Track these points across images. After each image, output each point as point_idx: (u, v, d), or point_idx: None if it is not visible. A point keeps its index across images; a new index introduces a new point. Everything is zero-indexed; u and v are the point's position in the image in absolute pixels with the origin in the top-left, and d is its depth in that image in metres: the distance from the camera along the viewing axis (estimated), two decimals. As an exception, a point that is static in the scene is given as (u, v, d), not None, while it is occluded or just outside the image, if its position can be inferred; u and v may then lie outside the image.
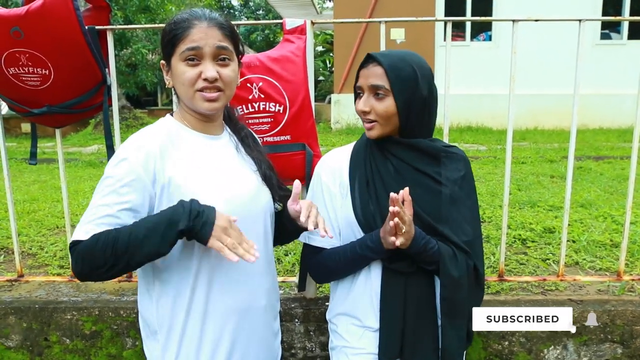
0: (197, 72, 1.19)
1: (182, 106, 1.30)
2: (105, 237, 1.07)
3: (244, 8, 24.99)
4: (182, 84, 1.20)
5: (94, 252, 1.07)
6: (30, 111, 1.90)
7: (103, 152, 7.01)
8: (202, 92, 1.20)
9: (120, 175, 1.14)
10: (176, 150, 1.21)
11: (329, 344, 1.54)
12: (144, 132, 1.23)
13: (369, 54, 1.33)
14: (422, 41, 9.22)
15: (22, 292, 2.25)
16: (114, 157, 1.18)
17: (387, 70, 1.27)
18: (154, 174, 1.16)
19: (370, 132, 1.34)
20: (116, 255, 1.07)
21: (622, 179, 4.77)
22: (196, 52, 1.18)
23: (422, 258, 1.29)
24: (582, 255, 2.69)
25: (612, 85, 9.23)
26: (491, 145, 7.34)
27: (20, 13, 1.66)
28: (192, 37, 1.18)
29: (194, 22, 1.20)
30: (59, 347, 2.12)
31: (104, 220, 1.11)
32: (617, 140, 7.82)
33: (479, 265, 1.36)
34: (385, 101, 1.29)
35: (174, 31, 1.20)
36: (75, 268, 1.11)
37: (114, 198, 1.13)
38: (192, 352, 1.23)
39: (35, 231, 3.29)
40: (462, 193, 1.36)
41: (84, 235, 1.09)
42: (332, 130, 9.62)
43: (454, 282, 1.29)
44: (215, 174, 1.24)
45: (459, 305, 1.33)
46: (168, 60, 1.24)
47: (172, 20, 1.24)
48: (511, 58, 2.00)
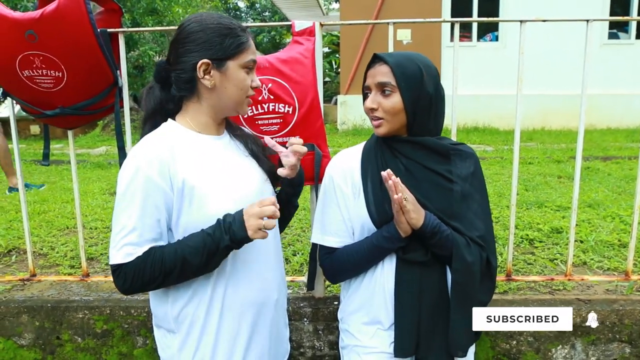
0: (250, 80, 1.30)
1: (198, 109, 1.29)
2: (152, 260, 1.17)
3: (251, 10, 25.06)
4: (241, 89, 1.28)
5: (143, 275, 1.17)
6: (43, 113, 1.93)
7: (111, 154, 7.06)
8: (248, 98, 1.32)
9: (140, 189, 1.16)
10: (185, 153, 1.23)
11: (340, 342, 1.55)
12: (150, 140, 1.23)
13: (375, 54, 1.37)
14: (428, 42, 9.21)
15: (34, 292, 2.28)
16: (128, 169, 1.18)
17: (393, 68, 1.31)
18: (170, 179, 1.19)
19: (378, 129, 1.36)
20: (165, 276, 1.18)
21: (630, 179, 4.75)
22: (254, 64, 1.30)
23: (436, 242, 1.30)
24: (589, 255, 2.68)
25: (620, 85, 9.18)
26: (498, 146, 7.32)
27: (35, 17, 1.69)
28: (252, 49, 1.28)
29: (248, 34, 1.29)
30: (71, 345, 2.15)
31: (139, 239, 1.17)
32: (625, 140, 7.77)
33: (491, 259, 1.37)
34: (392, 98, 1.32)
35: (241, 38, 1.26)
36: (122, 286, 1.19)
37: (140, 213, 1.17)
38: (210, 347, 1.26)
39: (45, 232, 3.32)
40: (473, 189, 1.38)
41: (125, 257, 1.17)
42: (338, 131, 9.63)
43: (467, 267, 1.31)
44: (223, 174, 1.27)
45: (470, 292, 1.34)
46: (221, 61, 1.24)
47: (228, 24, 1.26)
48: (519, 59, 2.01)
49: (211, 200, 1.21)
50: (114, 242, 1.18)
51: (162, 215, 1.19)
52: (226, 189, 1.25)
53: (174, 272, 1.18)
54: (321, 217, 1.48)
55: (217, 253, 1.18)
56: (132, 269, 1.17)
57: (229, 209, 1.21)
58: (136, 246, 1.17)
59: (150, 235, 1.18)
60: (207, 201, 1.21)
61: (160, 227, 1.19)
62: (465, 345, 1.36)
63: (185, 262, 1.17)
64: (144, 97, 1.32)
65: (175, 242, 1.20)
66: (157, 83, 1.31)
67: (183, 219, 1.21)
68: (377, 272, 1.39)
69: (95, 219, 3.57)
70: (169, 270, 1.17)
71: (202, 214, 1.20)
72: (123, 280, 1.18)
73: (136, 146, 1.22)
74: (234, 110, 1.32)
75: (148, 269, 1.16)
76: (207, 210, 1.20)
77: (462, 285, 1.32)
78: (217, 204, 1.21)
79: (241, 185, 1.29)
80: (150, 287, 1.21)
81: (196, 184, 1.20)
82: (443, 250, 1.31)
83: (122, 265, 1.17)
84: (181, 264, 1.17)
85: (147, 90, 1.32)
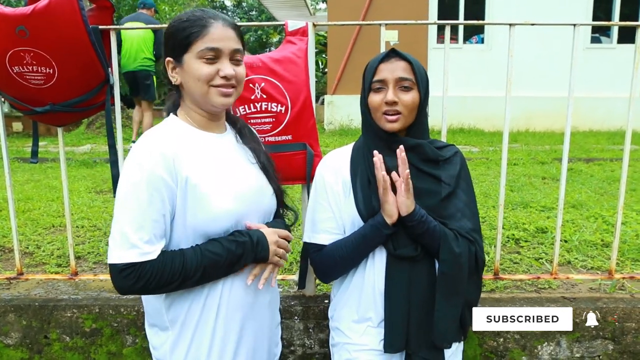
0: (215, 70, 1.23)
1: (189, 105, 1.30)
2: (172, 263, 1.17)
3: (237, 9, 24.95)
4: (198, 80, 1.22)
5: (161, 277, 1.16)
6: (32, 109, 1.91)
7: (97, 152, 6.98)
8: (218, 87, 1.24)
9: (145, 184, 1.15)
10: (187, 150, 1.23)
11: (330, 340, 1.57)
12: (153, 136, 1.23)
13: (393, 49, 1.38)
14: (415, 43, 9.27)
15: (21, 290, 2.26)
16: (132, 165, 1.17)
17: (413, 65, 1.35)
18: (174, 175, 1.18)
19: (393, 124, 1.36)
20: (183, 281, 1.19)
21: (612, 180, 4.85)
22: (215, 53, 1.22)
23: (424, 232, 1.32)
24: (574, 255, 2.74)
25: (602, 88, 9.35)
26: (483, 147, 7.41)
27: (26, 12, 1.68)
28: (211, 36, 1.21)
29: (210, 20, 1.22)
30: (59, 344, 2.13)
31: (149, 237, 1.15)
32: (607, 142, 7.92)
33: (479, 254, 1.39)
34: (411, 93, 1.35)
35: (190, 29, 1.22)
36: (132, 286, 1.15)
37: (148, 209, 1.15)
38: (203, 346, 1.26)
39: (31, 230, 3.28)
40: (459, 189, 1.41)
41: (140, 256, 1.14)
42: (325, 131, 9.64)
43: (455, 257, 1.33)
44: (225, 173, 1.28)
45: (457, 284, 1.35)
46: (178, 57, 1.24)
47: (183, 17, 1.24)
48: (508, 61, 2.05)
49: (213, 200, 1.21)
50: (121, 240, 1.14)
51: (167, 210, 1.18)
52: (228, 186, 1.26)
53: (193, 278, 1.19)
54: (312, 215, 1.50)
55: (235, 266, 1.24)
56: (149, 269, 1.14)
57: (231, 208, 1.23)
58: (150, 244, 1.15)
59: (158, 232, 1.17)
60: (209, 201, 1.21)
61: (165, 223, 1.18)
62: (450, 337, 1.37)
63: (204, 272, 1.20)
64: (167, 100, 1.36)
65: (196, 250, 1.21)
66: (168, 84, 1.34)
67: (185, 217, 1.20)
68: (367, 269, 1.41)
69: (81, 217, 3.53)
70: (189, 276, 1.18)
71: (205, 214, 1.21)
72: (135, 279, 1.14)
73: (139, 142, 1.22)
74: (205, 104, 1.27)
75: (167, 271, 1.16)
76: (209, 210, 1.21)
77: (449, 276, 1.34)
78: (219, 203, 1.22)
79: (243, 184, 1.30)
80: (162, 290, 1.20)
81: (198, 183, 1.20)
82: (432, 241, 1.33)
83: (137, 264, 1.13)
84: (201, 273, 1.19)
85: (168, 94, 1.37)
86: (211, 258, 1.20)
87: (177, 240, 1.23)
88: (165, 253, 1.18)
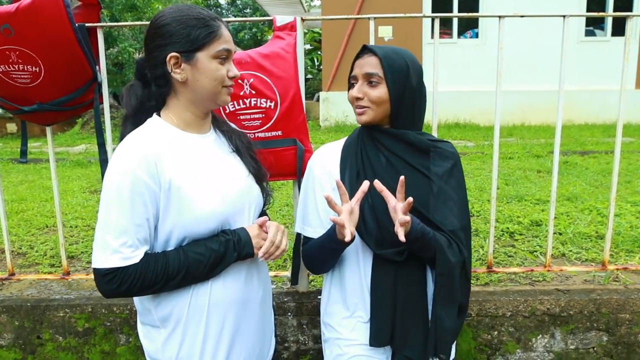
0: (226, 70, 1.25)
1: (183, 104, 1.26)
2: (155, 266, 1.17)
3: (231, 6, 24.89)
4: (214, 79, 1.23)
5: (144, 280, 1.16)
6: (20, 109, 1.89)
7: (91, 152, 6.97)
8: (227, 87, 1.28)
9: (128, 188, 1.13)
10: (170, 152, 1.21)
11: (322, 336, 1.56)
12: (135, 138, 1.20)
13: (365, 45, 1.39)
14: (409, 39, 9.27)
15: (13, 291, 2.24)
16: (114, 169, 1.15)
17: (382, 59, 1.33)
18: (157, 177, 1.16)
19: (361, 117, 1.38)
20: (165, 283, 1.19)
21: (606, 173, 4.86)
22: (228, 54, 1.25)
23: (420, 246, 1.29)
24: (568, 247, 2.74)
25: (597, 81, 9.37)
26: (479, 142, 7.42)
27: (10, 10, 1.66)
28: (225, 37, 1.24)
29: (219, 22, 1.25)
30: (52, 344, 2.12)
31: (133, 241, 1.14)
32: (602, 135, 7.94)
33: (466, 259, 1.39)
34: (378, 88, 1.34)
35: (209, 27, 1.21)
36: (116, 289, 1.16)
37: (131, 213, 1.13)
38: (195, 343, 1.25)
39: (24, 231, 3.27)
40: (449, 188, 1.39)
41: (122, 261, 1.14)
42: (320, 127, 9.64)
43: (452, 268, 1.32)
44: (209, 173, 1.26)
45: (455, 293, 1.36)
46: (190, 54, 1.21)
47: (196, 14, 1.21)
48: (498, 54, 2.04)
49: (198, 201, 1.19)
50: (104, 244, 1.13)
51: (150, 214, 1.17)
52: (213, 186, 1.24)
53: (176, 279, 1.19)
54: (302, 208, 1.51)
55: (219, 266, 1.23)
56: (132, 272, 1.14)
57: (216, 209, 1.22)
58: (133, 248, 1.14)
59: (141, 236, 1.16)
60: (194, 203, 1.19)
61: (149, 227, 1.17)
62: (451, 343, 1.39)
63: (187, 273, 1.20)
64: (125, 96, 1.30)
65: (179, 251, 1.20)
66: (138, 80, 1.29)
67: (170, 220, 1.19)
68: (356, 267, 1.41)
69: (75, 217, 3.52)
70: (172, 277, 1.18)
71: (189, 216, 1.19)
72: (118, 283, 1.14)
73: (121, 144, 1.19)
74: (212, 102, 1.28)
75: (150, 273, 1.16)
76: (194, 211, 1.19)
77: (447, 287, 1.34)
78: (204, 204, 1.20)
79: (228, 182, 1.29)
80: (146, 292, 1.20)
81: (182, 185, 1.19)
82: (425, 252, 1.31)
83: (119, 268, 1.13)
84: (183, 274, 1.19)
85: (128, 88, 1.30)
86: (194, 258, 1.19)
87: (162, 243, 1.21)
88: (149, 255, 1.17)
